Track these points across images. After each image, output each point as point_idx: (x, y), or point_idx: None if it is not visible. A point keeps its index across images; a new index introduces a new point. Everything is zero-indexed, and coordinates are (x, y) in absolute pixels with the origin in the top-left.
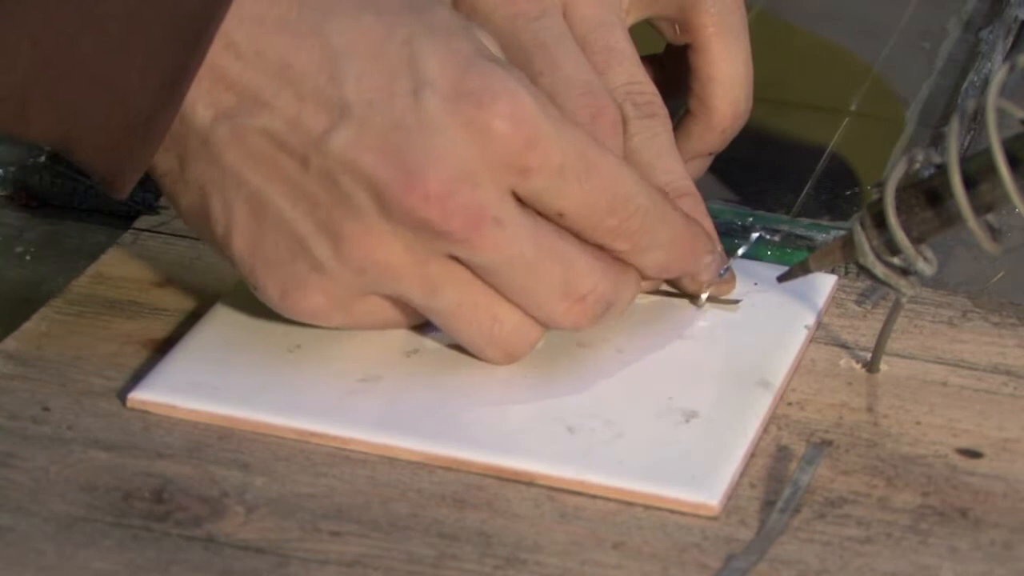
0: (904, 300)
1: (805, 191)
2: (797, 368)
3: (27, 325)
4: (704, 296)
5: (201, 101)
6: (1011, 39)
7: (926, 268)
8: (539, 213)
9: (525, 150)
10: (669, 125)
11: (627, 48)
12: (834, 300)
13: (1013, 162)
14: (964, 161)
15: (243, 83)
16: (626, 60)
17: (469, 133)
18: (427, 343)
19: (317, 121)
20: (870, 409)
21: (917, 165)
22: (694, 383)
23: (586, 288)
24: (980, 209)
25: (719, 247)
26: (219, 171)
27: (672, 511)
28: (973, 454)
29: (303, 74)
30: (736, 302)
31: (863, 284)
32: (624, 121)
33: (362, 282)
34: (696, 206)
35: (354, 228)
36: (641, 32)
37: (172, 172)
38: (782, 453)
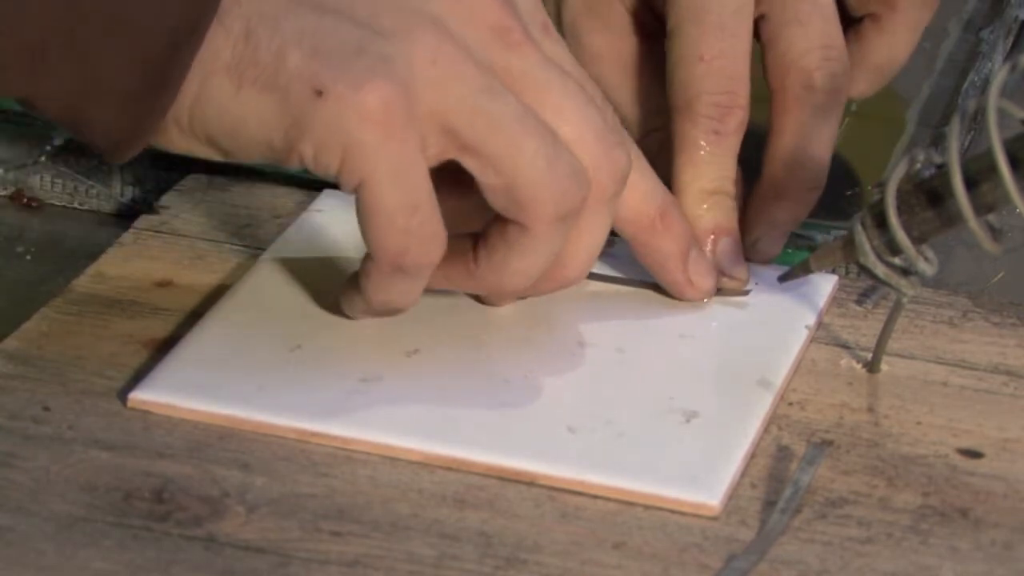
0: (905, 300)
1: None
2: (798, 368)
3: (27, 325)
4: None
5: None
6: (1011, 39)
7: (927, 268)
8: None
9: None
10: (843, 103)
11: (830, 5)
12: (835, 300)
13: (1014, 162)
14: (965, 161)
15: None
16: (828, 19)
17: None
18: (427, 343)
19: None
20: (871, 409)
21: (918, 165)
22: (694, 383)
23: (619, 136)
24: (981, 209)
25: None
26: (266, 2)
27: (673, 511)
28: (974, 454)
29: None
30: (745, 293)
31: (864, 284)
32: (806, 88)
33: (433, 76)
34: (801, 204)
35: (420, 25)
36: None
37: (207, 40)
38: (783, 453)
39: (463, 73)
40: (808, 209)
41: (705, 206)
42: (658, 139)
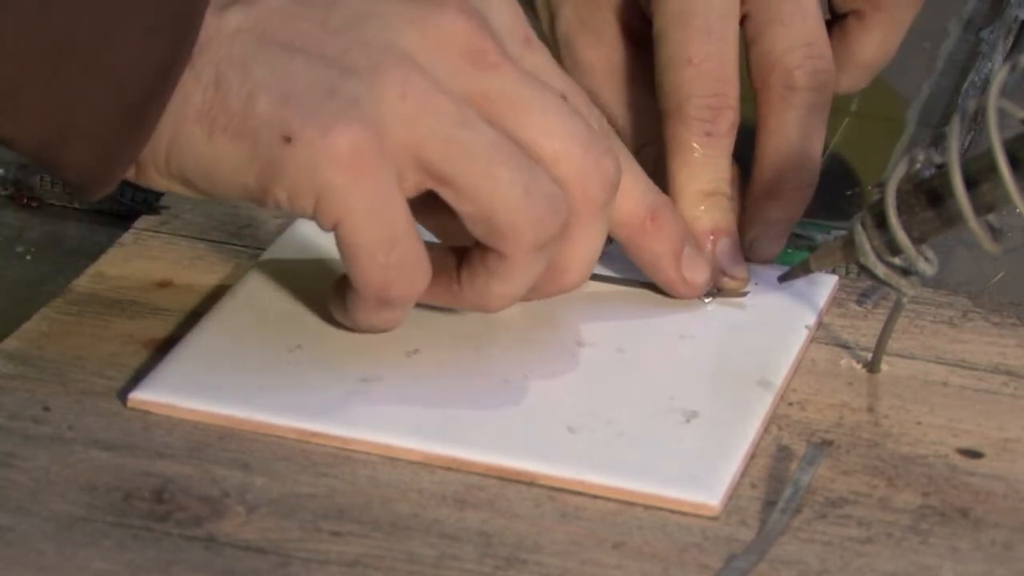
0: (905, 300)
1: None
2: (798, 368)
3: (27, 325)
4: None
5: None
6: (1011, 39)
7: (927, 268)
8: None
9: None
10: (830, 100)
11: (813, 4)
12: (835, 300)
13: (1014, 162)
14: (965, 161)
15: None
16: (810, 17)
17: None
18: (427, 343)
19: None
20: (871, 409)
21: (918, 165)
22: (694, 383)
23: (606, 144)
24: (981, 209)
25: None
26: (235, 46)
27: (673, 511)
28: (974, 454)
29: None
30: (743, 294)
31: (863, 284)
32: (788, 87)
33: (403, 113)
34: (793, 203)
35: (389, 61)
36: None
37: (178, 87)
38: (783, 453)
39: (433, 106)
40: (802, 207)
41: (702, 207)
42: (656, 150)
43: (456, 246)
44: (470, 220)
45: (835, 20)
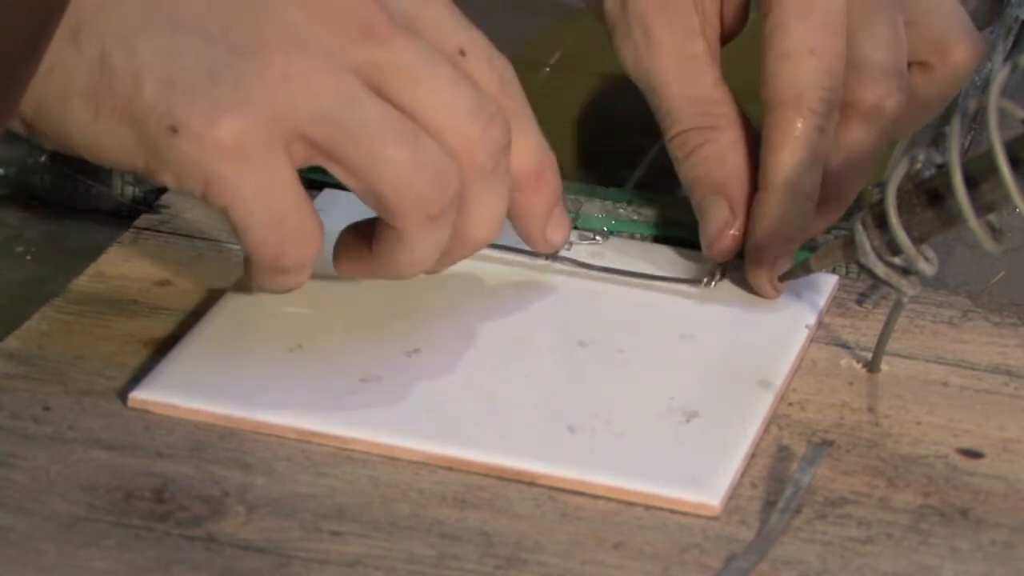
0: (905, 300)
1: None
2: (798, 368)
3: (28, 325)
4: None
5: None
6: (1012, 39)
7: (927, 268)
8: None
9: None
10: (891, 128)
11: (903, 34)
12: (835, 300)
13: (1014, 162)
14: (965, 161)
15: None
16: (904, 49)
17: None
18: (427, 343)
19: None
20: (871, 409)
21: (918, 165)
22: (694, 383)
23: (493, 110)
24: (981, 209)
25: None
26: (121, 21)
27: (673, 511)
28: (974, 454)
29: None
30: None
31: (864, 284)
32: (878, 110)
33: (285, 94)
34: (824, 223)
35: (271, 38)
36: None
37: (62, 62)
38: (783, 453)
39: (316, 86)
40: (824, 225)
41: (798, 210)
42: (698, 136)
43: (371, 219)
44: (361, 196)
45: None
